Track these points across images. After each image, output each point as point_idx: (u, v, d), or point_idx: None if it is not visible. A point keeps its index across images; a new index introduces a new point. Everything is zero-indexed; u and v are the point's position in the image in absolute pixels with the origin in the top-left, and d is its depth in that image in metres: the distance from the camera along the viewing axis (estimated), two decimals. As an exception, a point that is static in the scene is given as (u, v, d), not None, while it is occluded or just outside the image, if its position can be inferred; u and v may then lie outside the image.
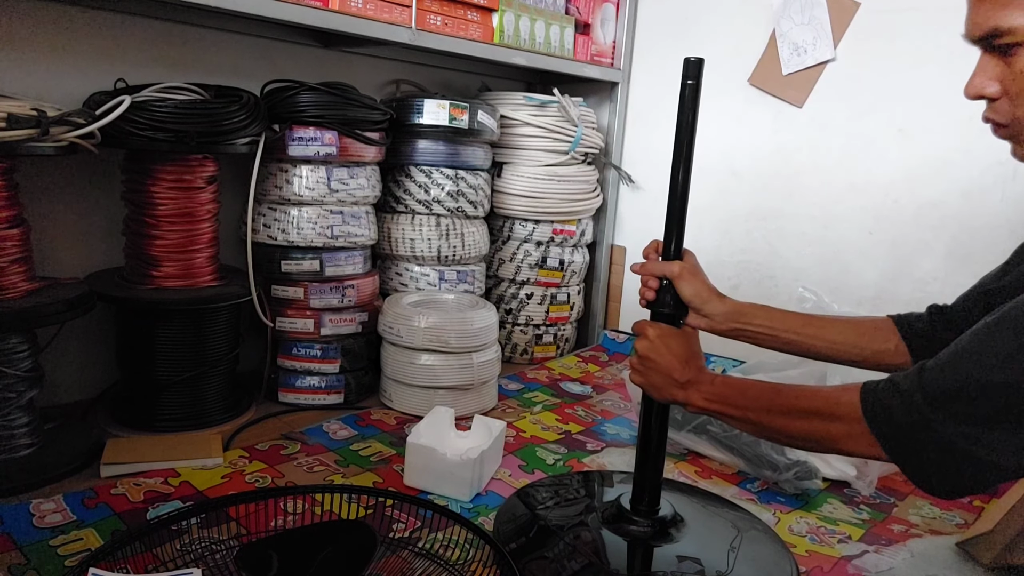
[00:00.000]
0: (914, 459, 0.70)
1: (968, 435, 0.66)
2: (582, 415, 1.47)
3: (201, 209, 1.24)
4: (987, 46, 0.74)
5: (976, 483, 0.69)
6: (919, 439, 0.69)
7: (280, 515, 0.94)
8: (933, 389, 0.68)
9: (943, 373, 0.68)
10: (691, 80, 0.92)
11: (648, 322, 0.97)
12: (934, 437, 0.68)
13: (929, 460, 0.69)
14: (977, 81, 0.75)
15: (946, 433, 0.67)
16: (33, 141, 0.99)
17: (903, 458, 0.71)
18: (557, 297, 1.81)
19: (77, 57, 1.24)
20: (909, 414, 0.69)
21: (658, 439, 0.99)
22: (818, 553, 1.00)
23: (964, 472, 0.68)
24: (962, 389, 0.66)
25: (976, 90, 0.75)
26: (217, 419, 1.28)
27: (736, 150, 1.74)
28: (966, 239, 1.45)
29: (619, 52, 1.90)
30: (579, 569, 0.91)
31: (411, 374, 1.38)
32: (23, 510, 0.94)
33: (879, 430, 0.72)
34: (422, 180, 1.55)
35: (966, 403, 0.66)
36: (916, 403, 0.69)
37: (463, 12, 1.51)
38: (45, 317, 1.05)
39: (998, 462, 0.65)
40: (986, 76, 0.74)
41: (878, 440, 0.72)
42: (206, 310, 1.24)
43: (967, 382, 0.66)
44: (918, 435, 0.69)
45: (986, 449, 0.65)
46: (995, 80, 0.74)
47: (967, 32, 0.75)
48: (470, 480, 1.07)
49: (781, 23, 1.64)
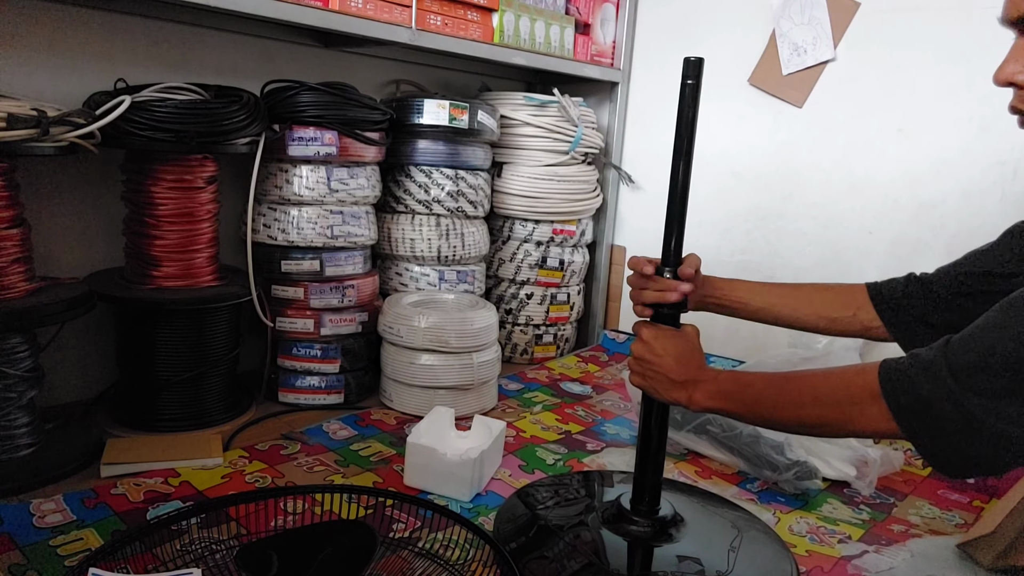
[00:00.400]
0: (930, 433, 0.69)
1: (991, 408, 0.65)
2: (582, 415, 1.47)
3: (201, 209, 1.24)
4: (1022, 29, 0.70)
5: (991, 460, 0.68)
6: (939, 412, 0.68)
7: (280, 515, 0.94)
8: (958, 361, 0.67)
9: (969, 346, 0.68)
10: (691, 80, 0.92)
11: (645, 323, 0.97)
12: (956, 409, 0.67)
13: (946, 434, 0.68)
14: (1010, 67, 0.72)
15: (969, 405, 0.66)
16: (33, 141, 0.99)
17: (918, 432, 0.70)
18: (557, 297, 1.81)
19: (77, 57, 1.25)
20: (933, 386, 0.68)
21: (658, 439, 0.99)
22: (818, 553, 1.00)
23: (981, 447, 0.67)
24: (988, 362, 0.65)
25: (1007, 76, 0.72)
26: (217, 419, 1.27)
27: (736, 150, 1.74)
28: (966, 239, 1.45)
29: (619, 52, 1.90)
30: (579, 569, 0.91)
31: (411, 374, 1.38)
32: (23, 510, 0.94)
33: (897, 403, 0.71)
34: (422, 180, 1.55)
35: (991, 376, 0.65)
36: (941, 375, 0.68)
37: (463, 12, 1.51)
38: (45, 317, 1.05)
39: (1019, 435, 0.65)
40: (1019, 62, 0.71)
41: (893, 414, 0.71)
42: (206, 310, 1.24)
43: (994, 355, 0.65)
44: (939, 408, 0.68)
45: (1008, 423, 0.65)
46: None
47: (1004, 14, 0.72)
48: (470, 480, 1.07)
49: (781, 23, 1.64)
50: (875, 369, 0.74)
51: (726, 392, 0.87)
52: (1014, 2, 0.70)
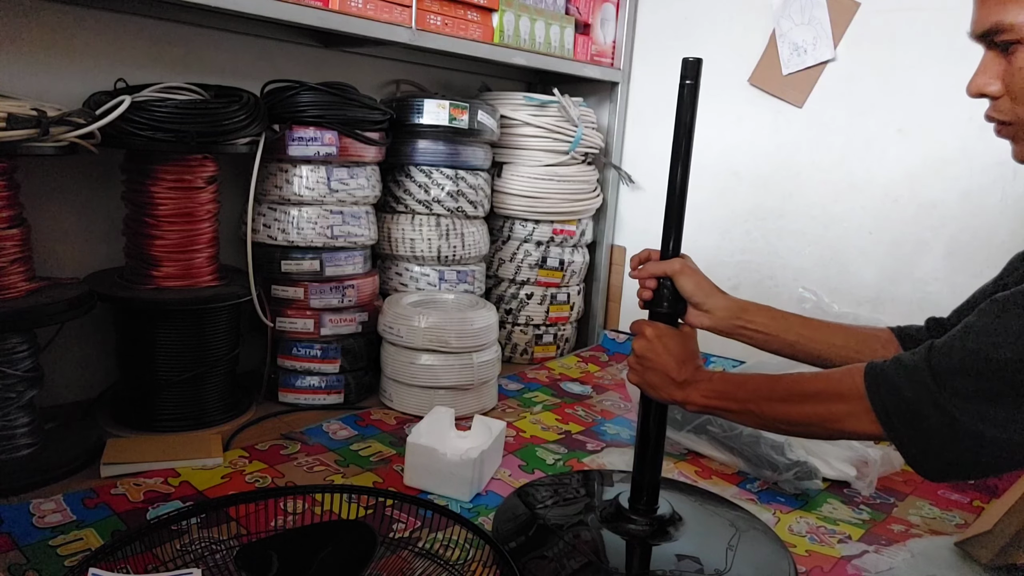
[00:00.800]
0: (911, 434, 0.71)
1: (971, 410, 0.67)
2: (582, 415, 1.47)
3: (201, 209, 1.24)
4: (989, 43, 0.74)
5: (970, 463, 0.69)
6: (922, 415, 0.69)
7: (280, 515, 0.94)
8: (940, 365, 0.69)
9: (950, 350, 0.69)
10: (690, 80, 0.92)
11: (646, 321, 0.98)
12: (938, 412, 0.68)
13: (926, 435, 0.70)
14: (979, 79, 0.75)
15: (949, 407, 0.68)
16: (33, 141, 0.99)
17: (901, 434, 0.72)
18: (557, 297, 1.81)
19: (77, 57, 1.25)
20: (915, 388, 0.70)
21: (656, 438, 0.99)
22: (818, 553, 1.00)
23: (960, 449, 0.68)
24: (968, 365, 0.67)
25: (978, 88, 0.75)
26: (217, 419, 1.28)
27: (736, 150, 1.74)
28: (966, 239, 1.45)
29: (619, 52, 1.90)
30: (578, 568, 0.91)
31: (411, 374, 1.38)
32: (23, 510, 0.94)
33: (881, 406, 0.73)
34: (422, 180, 1.55)
35: (972, 379, 0.67)
36: (923, 379, 0.70)
37: (463, 12, 1.51)
38: (45, 317, 1.05)
39: (999, 437, 0.66)
40: (988, 74, 0.74)
41: (878, 416, 0.73)
42: (206, 310, 1.24)
43: (974, 358, 0.67)
44: (922, 410, 0.69)
45: (987, 425, 0.66)
46: (997, 78, 0.74)
47: (972, 29, 0.75)
48: (470, 480, 1.07)
49: (781, 23, 1.64)
50: (861, 370, 0.76)
51: (721, 392, 0.89)
52: (979, 19, 0.74)
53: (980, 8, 0.74)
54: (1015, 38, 0.70)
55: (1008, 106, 0.74)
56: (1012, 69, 0.72)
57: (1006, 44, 0.72)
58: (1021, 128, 0.75)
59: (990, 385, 0.66)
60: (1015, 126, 0.75)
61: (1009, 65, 0.72)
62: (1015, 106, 0.74)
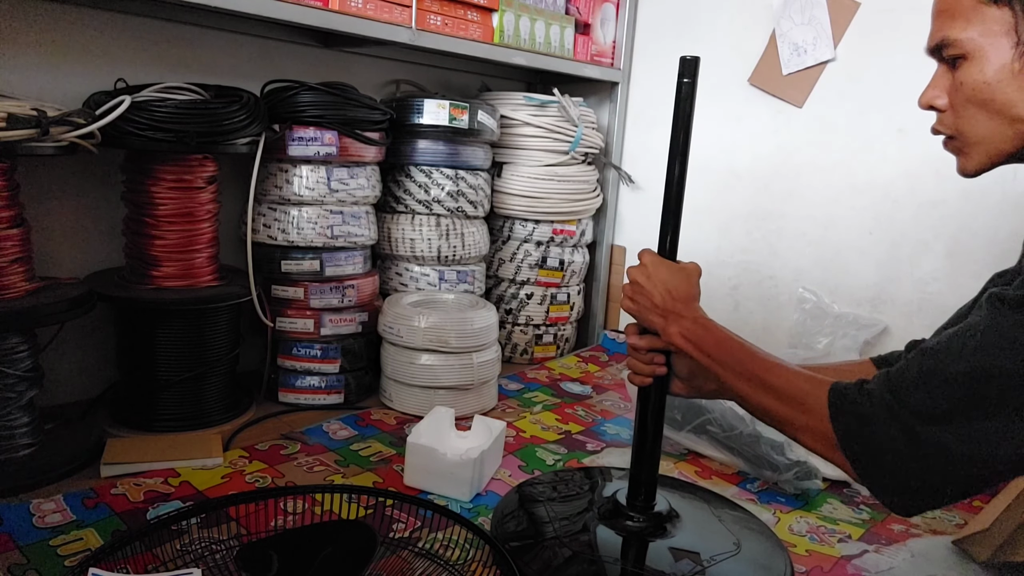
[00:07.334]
0: (868, 452, 0.71)
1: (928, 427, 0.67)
2: (582, 415, 1.47)
3: (201, 209, 1.24)
4: (940, 57, 0.76)
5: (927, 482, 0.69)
6: (881, 434, 0.70)
7: (280, 515, 0.94)
8: (898, 383, 0.71)
9: (909, 369, 0.71)
10: (687, 79, 0.93)
11: (647, 250, 0.97)
12: (895, 425, 0.69)
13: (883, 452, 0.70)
14: (929, 92, 0.77)
15: (907, 421, 0.68)
16: (33, 141, 0.99)
17: (857, 452, 0.72)
18: (557, 297, 1.81)
19: (77, 57, 1.25)
20: (873, 405, 0.71)
21: (654, 435, 0.99)
22: (818, 553, 1.00)
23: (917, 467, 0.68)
24: (926, 381, 0.68)
25: (927, 100, 0.78)
26: (217, 419, 1.28)
27: (736, 150, 1.74)
28: (966, 239, 1.45)
29: (619, 52, 1.90)
30: (574, 563, 0.91)
31: (411, 374, 1.38)
32: (23, 510, 0.94)
33: (841, 427, 0.73)
34: (422, 180, 1.55)
35: (929, 394, 0.68)
36: (881, 395, 0.71)
37: (463, 12, 1.51)
38: (45, 317, 1.05)
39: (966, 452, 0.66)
40: (937, 88, 0.77)
41: (837, 437, 0.73)
42: (206, 310, 1.24)
43: (932, 375, 0.68)
44: (878, 426, 0.70)
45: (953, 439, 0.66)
46: (944, 92, 0.76)
47: (926, 44, 0.77)
48: (470, 480, 1.07)
49: (781, 23, 1.64)
50: (827, 388, 0.76)
51: (698, 338, 0.88)
52: (930, 34, 0.76)
53: (932, 23, 0.76)
54: (959, 53, 0.73)
55: (951, 120, 0.76)
56: (955, 83, 0.74)
57: (953, 59, 0.74)
58: (963, 142, 0.77)
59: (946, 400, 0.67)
60: (957, 140, 0.77)
61: (953, 80, 0.74)
62: (956, 119, 0.76)
